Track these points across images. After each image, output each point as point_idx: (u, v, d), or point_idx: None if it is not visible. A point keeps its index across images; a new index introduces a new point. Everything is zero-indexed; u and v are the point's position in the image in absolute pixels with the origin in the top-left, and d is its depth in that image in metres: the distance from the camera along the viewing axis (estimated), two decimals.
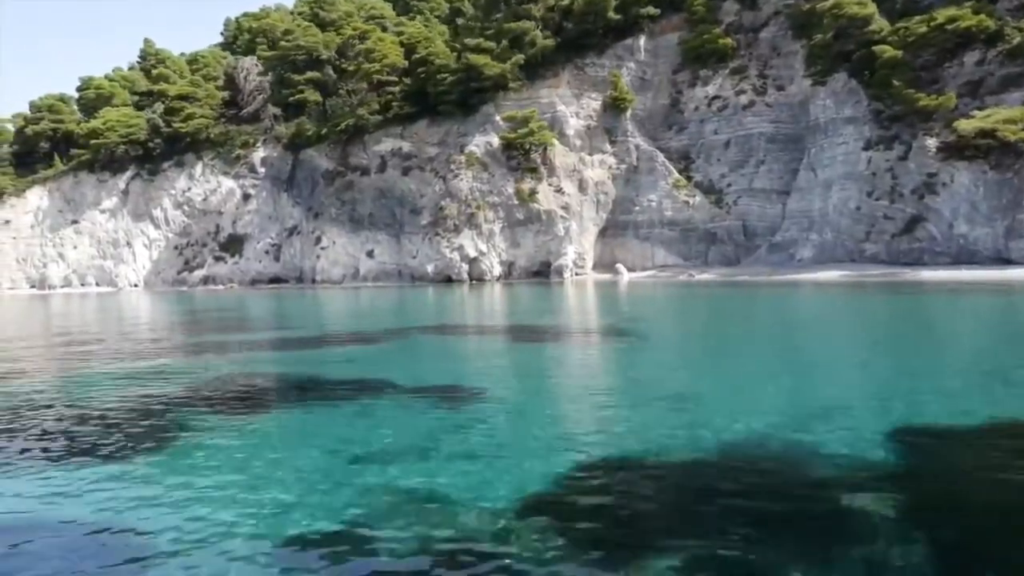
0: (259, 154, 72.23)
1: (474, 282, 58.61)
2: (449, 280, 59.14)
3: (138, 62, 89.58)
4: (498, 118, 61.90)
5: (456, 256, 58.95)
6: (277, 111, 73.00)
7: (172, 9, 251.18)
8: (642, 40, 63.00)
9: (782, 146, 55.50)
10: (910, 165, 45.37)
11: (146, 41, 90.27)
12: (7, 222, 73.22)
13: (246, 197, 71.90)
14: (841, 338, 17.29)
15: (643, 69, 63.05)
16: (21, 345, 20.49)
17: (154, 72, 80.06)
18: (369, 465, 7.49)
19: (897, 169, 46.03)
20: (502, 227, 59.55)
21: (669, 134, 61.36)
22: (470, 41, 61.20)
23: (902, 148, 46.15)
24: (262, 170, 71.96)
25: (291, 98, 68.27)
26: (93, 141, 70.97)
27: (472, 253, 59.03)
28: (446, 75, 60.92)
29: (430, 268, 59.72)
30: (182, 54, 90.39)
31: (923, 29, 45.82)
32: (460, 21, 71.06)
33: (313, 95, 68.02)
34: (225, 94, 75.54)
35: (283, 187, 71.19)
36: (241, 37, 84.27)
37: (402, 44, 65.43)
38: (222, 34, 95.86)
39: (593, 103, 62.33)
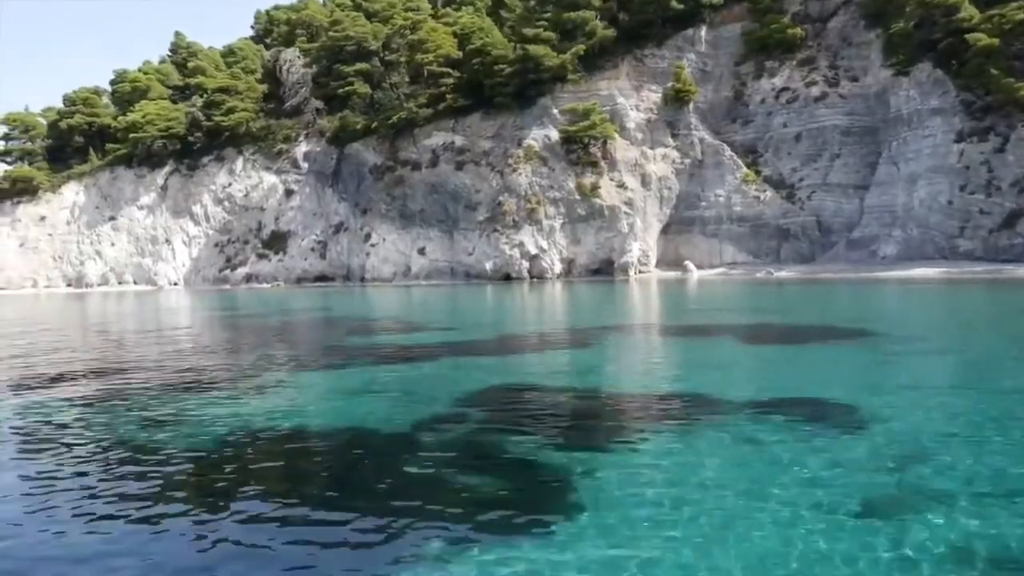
0: (302, 148, 70.29)
1: (534, 280, 56.77)
2: (508, 278, 57.25)
3: (169, 55, 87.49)
4: (555, 111, 60.04)
5: (516, 253, 57.06)
6: (320, 104, 71.05)
7: (194, 3, 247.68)
8: (703, 31, 61.19)
9: (857, 139, 53.66)
10: (1008, 157, 43.55)
11: (177, 34, 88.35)
12: (42, 218, 71.24)
13: (289, 193, 69.95)
14: None
15: (703, 60, 61.23)
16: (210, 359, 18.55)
17: (189, 65, 77.99)
18: (877, 523, 5.51)
19: (994, 162, 44.18)
20: (563, 223, 57.67)
21: (733, 127, 59.48)
22: (528, 31, 59.25)
23: (998, 140, 44.30)
24: (305, 165, 70.02)
25: (340, 90, 66.23)
26: (132, 135, 68.95)
27: (532, 250, 57.14)
28: (503, 66, 58.94)
29: (488, 265, 57.81)
30: (210, 48, 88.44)
31: (1021, 16, 43.94)
32: (504, 14, 69.09)
33: (363, 87, 66.05)
34: (264, 87, 73.58)
35: (327, 182, 69.24)
36: (277, 29, 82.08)
37: (455, 35, 63.45)
38: (253, 27, 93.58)
39: (653, 95, 60.44)
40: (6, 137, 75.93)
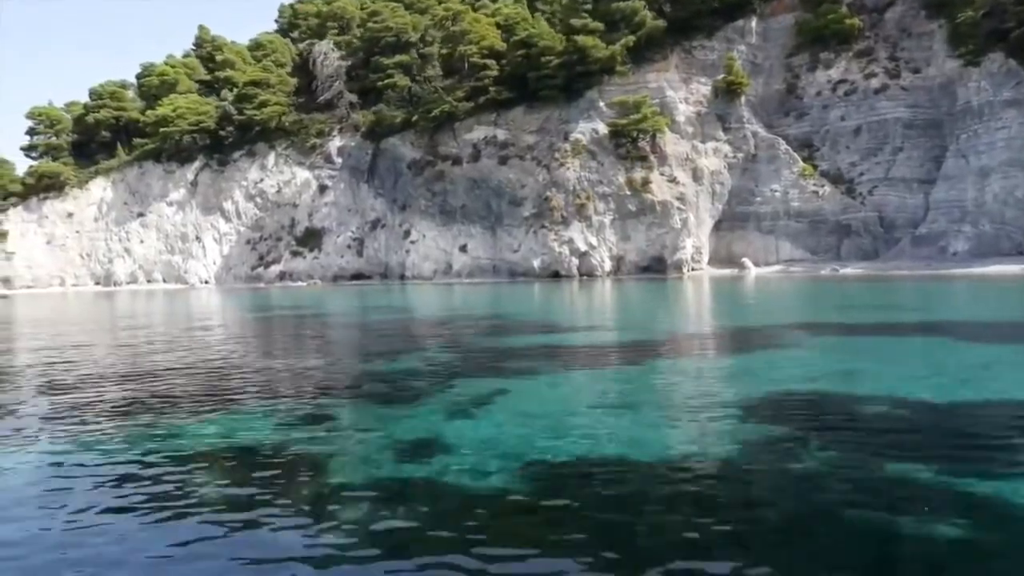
0: (335, 143, 68.63)
1: (584, 278, 55.10)
2: (556, 275, 55.59)
3: (193, 50, 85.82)
4: (602, 104, 58.42)
5: (565, 250, 55.40)
6: (353, 98, 69.39)
7: (206, 2, 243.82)
8: (753, 22, 59.56)
9: (921, 132, 52.00)
10: None
11: (201, 28, 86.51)
12: (70, 215, 69.51)
13: (322, 189, 68.27)
14: None
15: (753, 52, 59.60)
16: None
17: (217, 58, 76.29)
18: None
19: None
20: (612, 219, 56.01)
21: (786, 121, 57.85)
22: (575, 22, 57.56)
23: None
24: (339, 160, 68.36)
25: (379, 83, 64.47)
26: (162, 129, 67.23)
27: (582, 247, 55.48)
28: (551, 58, 57.24)
29: (536, 263, 56.14)
30: (232, 42, 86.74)
31: None
32: (541, 5, 67.49)
33: (403, 80, 64.33)
34: (295, 80, 71.85)
35: (362, 178, 67.58)
36: (305, 23, 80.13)
37: (498, 25, 61.75)
38: (277, 21, 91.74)
39: (703, 88, 58.79)
40: (31, 132, 74.22)
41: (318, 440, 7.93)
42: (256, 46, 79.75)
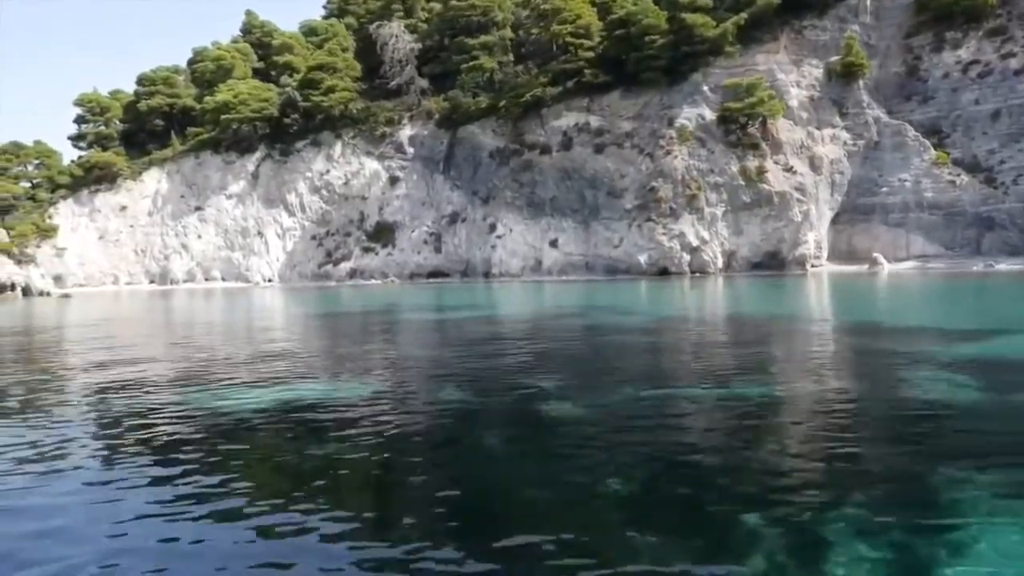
0: (406, 132, 64.28)
1: (695, 275, 50.77)
2: (664, 273, 51.21)
3: (240, 36, 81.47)
4: (706, 88, 54.18)
5: (676, 245, 51.11)
6: (425, 83, 65.05)
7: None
8: (868, 0, 55.27)
9: None
10: None
11: (248, 13, 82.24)
12: (123, 208, 65.12)
13: (393, 180, 63.91)
14: None
15: (868, 33, 55.28)
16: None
17: (274, 43, 71.92)
18: None
19: None
20: (724, 211, 51.73)
21: (908, 106, 53.52)
22: None
23: None
24: (411, 150, 64.01)
25: (463, 65, 60.00)
26: (223, 117, 62.81)
27: (694, 242, 51.18)
28: (654, 37, 52.94)
29: (643, 258, 51.79)
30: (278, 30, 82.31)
31: None
32: None
33: (489, 62, 59.94)
34: (360, 66, 67.40)
35: (437, 168, 63.23)
36: (364, 5, 75.41)
37: (593, 3, 57.44)
38: (325, 7, 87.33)
39: (814, 71, 54.53)
40: (80, 120, 69.80)
41: None
42: (310, 31, 75.43)
